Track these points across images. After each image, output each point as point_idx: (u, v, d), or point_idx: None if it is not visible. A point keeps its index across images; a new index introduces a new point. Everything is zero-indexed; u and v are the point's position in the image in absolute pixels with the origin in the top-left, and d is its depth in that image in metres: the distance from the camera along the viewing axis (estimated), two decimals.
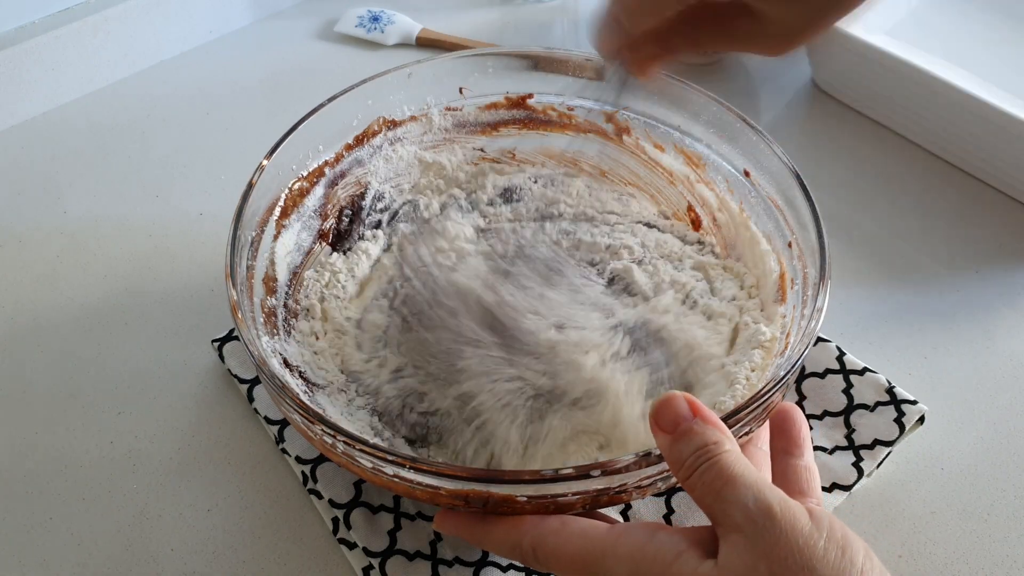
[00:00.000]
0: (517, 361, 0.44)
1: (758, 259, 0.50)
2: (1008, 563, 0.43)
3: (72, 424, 0.50)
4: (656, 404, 0.34)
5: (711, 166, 0.52)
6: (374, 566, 0.42)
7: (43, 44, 0.69)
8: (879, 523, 0.45)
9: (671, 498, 0.45)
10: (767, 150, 0.47)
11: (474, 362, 0.44)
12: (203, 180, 0.65)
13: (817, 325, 0.39)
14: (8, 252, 0.60)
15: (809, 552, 0.30)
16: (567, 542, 0.35)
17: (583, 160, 0.58)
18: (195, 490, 0.47)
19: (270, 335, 0.45)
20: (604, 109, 0.55)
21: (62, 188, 0.65)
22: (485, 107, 0.56)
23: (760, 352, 0.45)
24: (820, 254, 0.42)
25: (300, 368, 0.46)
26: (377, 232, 0.55)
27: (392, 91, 0.53)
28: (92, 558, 0.44)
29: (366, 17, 0.78)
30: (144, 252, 0.60)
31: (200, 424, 0.50)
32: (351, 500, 0.45)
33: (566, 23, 0.80)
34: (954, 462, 0.47)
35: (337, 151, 0.53)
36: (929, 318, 0.54)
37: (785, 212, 0.47)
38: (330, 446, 0.38)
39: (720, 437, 0.33)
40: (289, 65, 0.76)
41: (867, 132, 0.66)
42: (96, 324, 0.55)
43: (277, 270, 0.49)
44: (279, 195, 0.49)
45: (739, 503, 0.31)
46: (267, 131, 0.50)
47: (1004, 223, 0.60)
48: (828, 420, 0.48)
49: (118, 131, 0.69)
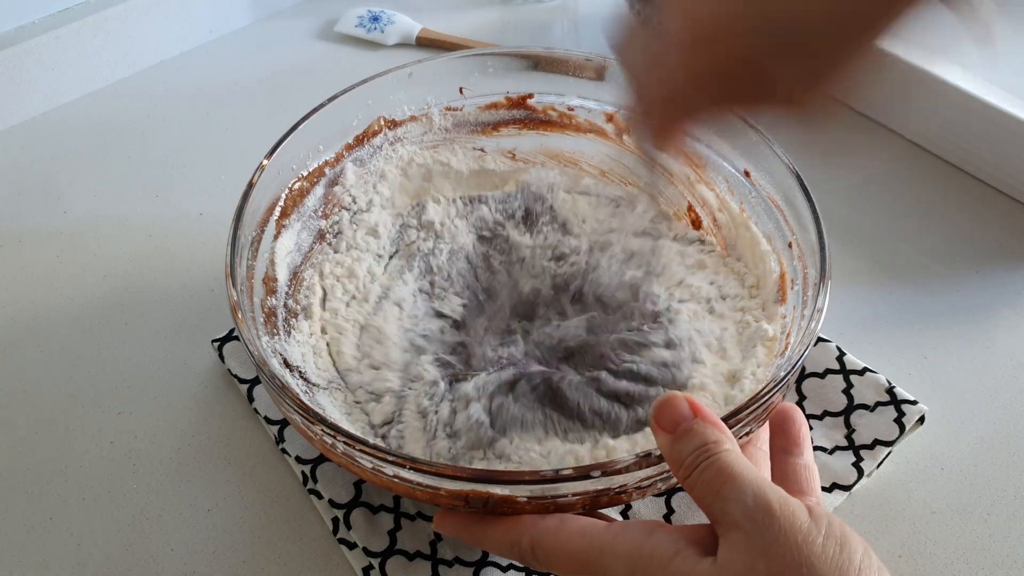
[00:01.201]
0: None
1: (758, 259, 0.50)
2: (1008, 563, 0.43)
3: (72, 424, 0.50)
4: (657, 404, 0.34)
5: (711, 166, 0.52)
6: (374, 566, 0.42)
7: (43, 44, 0.69)
8: (879, 523, 0.45)
9: (671, 498, 0.45)
10: (767, 150, 0.47)
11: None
12: (203, 180, 0.65)
13: (817, 326, 0.39)
14: (8, 252, 0.60)
15: (808, 549, 0.30)
16: (566, 540, 0.35)
17: (583, 160, 0.58)
18: (195, 490, 0.47)
19: (270, 335, 0.45)
20: (604, 109, 0.55)
21: (62, 188, 0.65)
22: (485, 107, 0.56)
23: (763, 349, 0.45)
24: (820, 254, 0.42)
25: (300, 368, 0.46)
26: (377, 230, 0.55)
27: (392, 91, 0.53)
28: (92, 558, 0.44)
29: (366, 17, 0.78)
30: (144, 252, 0.60)
31: (200, 424, 0.50)
32: (351, 500, 0.45)
33: (566, 23, 0.80)
34: (954, 462, 0.47)
35: (337, 151, 0.53)
36: (929, 318, 0.54)
37: (785, 212, 0.47)
38: (330, 446, 0.38)
39: (720, 436, 0.33)
40: (289, 65, 0.76)
41: (867, 132, 0.66)
42: (96, 324, 0.55)
43: (277, 270, 0.49)
44: (279, 195, 0.49)
45: (738, 500, 0.31)
46: (267, 131, 0.50)
47: (1004, 223, 0.60)
48: (828, 420, 0.48)
49: (118, 131, 0.69)
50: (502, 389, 0.45)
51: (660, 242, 0.53)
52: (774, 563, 0.30)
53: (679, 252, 0.53)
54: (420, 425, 0.44)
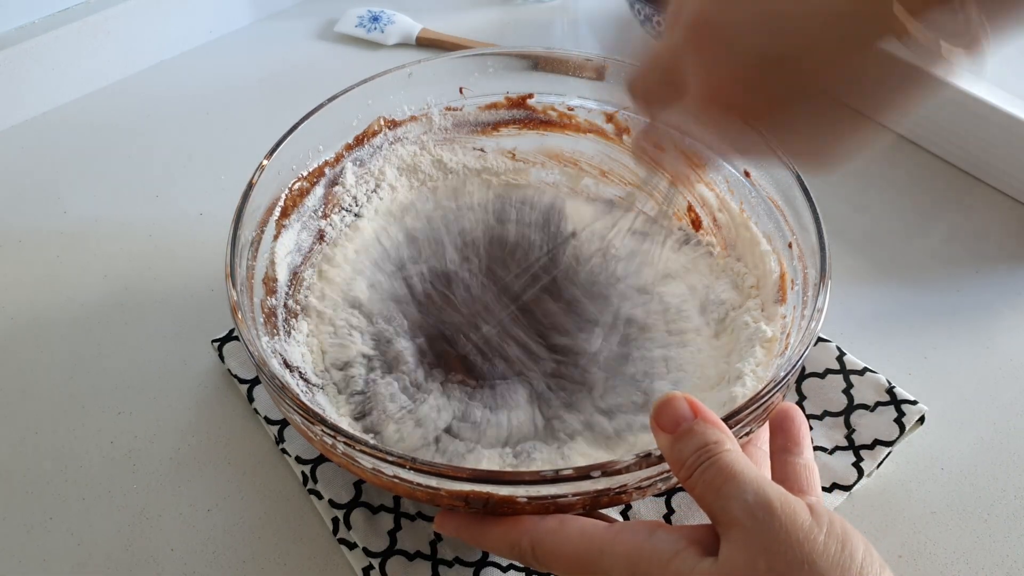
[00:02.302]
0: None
1: (758, 260, 0.50)
2: (1008, 563, 0.43)
3: (72, 424, 0.50)
4: (657, 404, 0.34)
5: (711, 166, 0.52)
6: (374, 566, 0.42)
7: (43, 44, 0.69)
8: (879, 523, 0.45)
9: (671, 498, 0.45)
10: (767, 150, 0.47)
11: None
12: (203, 180, 0.65)
13: (818, 326, 0.39)
14: (8, 252, 0.60)
15: (809, 546, 0.30)
16: (565, 541, 0.35)
17: (583, 160, 0.58)
18: (195, 490, 0.47)
19: (270, 335, 0.45)
20: (604, 109, 0.55)
21: (62, 188, 0.65)
22: (485, 107, 0.56)
23: (762, 350, 0.45)
24: (820, 255, 0.42)
25: (300, 368, 0.46)
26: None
27: (392, 91, 0.53)
28: (92, 558, 0.44)
29: (366, 17, 0.78)
30: (144, 252, 0.60)
31: (200, 424, 0.50)
32: (351, 500, 0.45)
33: (566, 23, 0.80)
34: (954, 462, 0.47)
35: (337, 151, 0.53)
36: (929, 318, 0.54)
37: (785, 212, 0.47)
38: (330, 446, 0.38)
39: (721, 436, 0.33)
40: (289, 65, 0.76)
41: (867, 132, 0.66)
42: (96, 324, 0.55)
43: (277, 270, 0.49)
44: (279, 195, 0.49)
45: (739, 499, 0.31)
46: (267, 131, 0.50)
47: (1004, 223, 0.60)
48: (828, 420, 0.48)
49: (118, 131, 0.69)
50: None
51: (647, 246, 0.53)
52: (775, 561, 0.30)
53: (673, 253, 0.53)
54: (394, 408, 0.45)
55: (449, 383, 0.47)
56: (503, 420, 0.45)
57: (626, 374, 0.47)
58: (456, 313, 0.49)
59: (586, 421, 0.45)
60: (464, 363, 0.47)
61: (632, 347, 0.48)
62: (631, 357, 0.48)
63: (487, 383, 0.46)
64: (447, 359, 0.48)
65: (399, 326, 0.49)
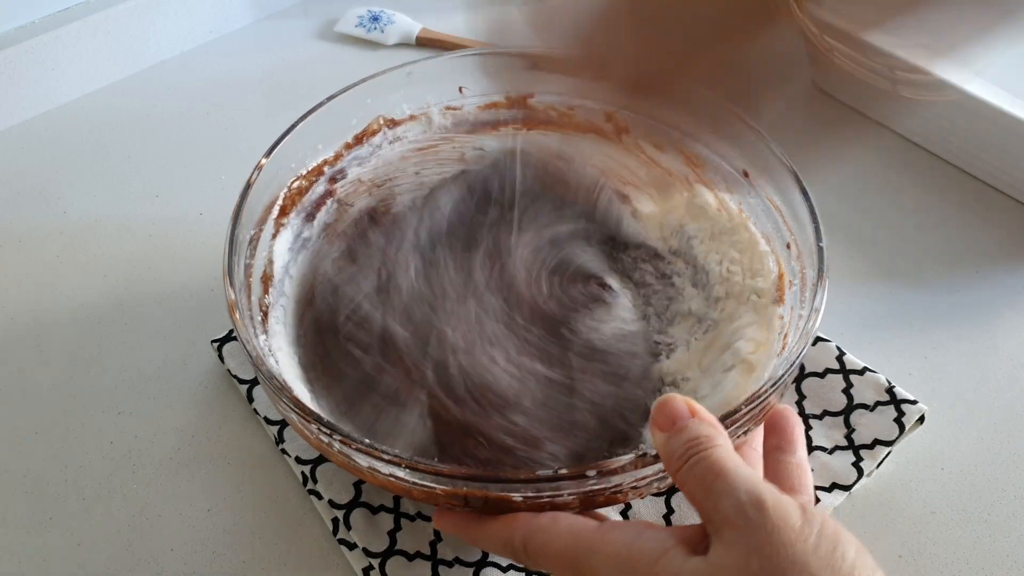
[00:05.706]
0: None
1: (756, 260, 0.50)
2: (1008, 563, 0.43)
3: (72, 424, 0.50)
4: (656, 405, 0.34)
5: (710, 166, 0.52)
6: (374, 566, 0.42)
7: (43, 44, 0.69)
8: (879, 523, 0.45)
9: (670, 498, 0.45)
10: (766, 150, 0.47)
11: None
12: (203, 180, 0.65)
13: (815, 326, 0.39)
14: (8, 252, 0.60)
15: (802, 547, 0.30)
16: (556, 538, 0.34)
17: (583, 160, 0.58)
18: (195, 490, 0.47)
19: (267, 334, 0.45)
20: (604, 109, 0.55)
21: (62, 188, 0.65)
22: (485, 107, 0.56)
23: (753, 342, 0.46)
24: (818, 255, 0.42)
25: None
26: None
27: (392, 90, 0.53)
28: (92, 558, 0.44)
29: (366, 17, 0.78)
30: (144, 252, 0.60)
31: (200, 424, 0.50)
32: (351, 500, 0.45)
33: None
34: (954, 462, 0.47)
35: (336, 150, 0.53)
36: (929, 318, 0.54)
37: (784, 213, 0.47)
38: (327, 445, 0.38)
39: (712, 432, 0.33)
40: (289, 65, 0.76)
41: (867, 132, 0.66)
42: (96, 324, 0.55)
43: (276, 269, 0.49)
44: (278, 194, 0.49)
45: (731, 497, 0.31)
46: (267, 131, 0.50)
47: (1004, 223, 0.59)
48: (828, 420, 0.48)
49: (118, 131, 0.70)
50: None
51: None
52: (768, 560, 0.29)
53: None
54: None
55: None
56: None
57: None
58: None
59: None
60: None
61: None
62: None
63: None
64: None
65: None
